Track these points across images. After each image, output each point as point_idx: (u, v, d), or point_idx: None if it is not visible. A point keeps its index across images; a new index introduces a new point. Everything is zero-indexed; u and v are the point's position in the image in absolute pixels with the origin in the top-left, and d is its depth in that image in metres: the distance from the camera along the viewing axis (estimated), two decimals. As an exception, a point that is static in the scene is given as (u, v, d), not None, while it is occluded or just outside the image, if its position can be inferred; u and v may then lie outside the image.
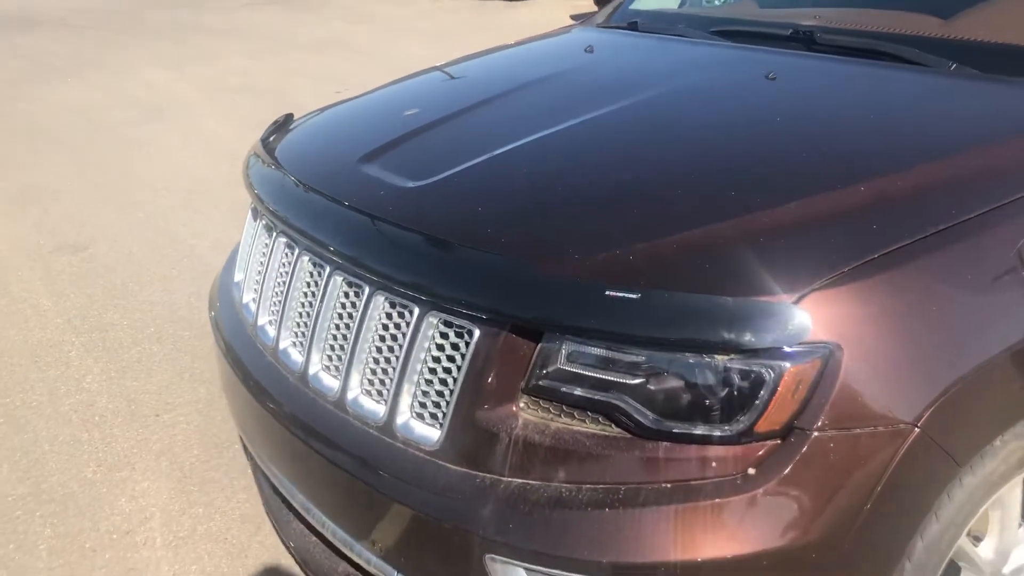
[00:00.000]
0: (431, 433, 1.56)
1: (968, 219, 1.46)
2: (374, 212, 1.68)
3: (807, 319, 1.30)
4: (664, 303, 1.34)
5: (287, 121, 2.46)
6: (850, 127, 1.79)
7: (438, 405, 1.56)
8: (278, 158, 2.06)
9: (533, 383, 1.47)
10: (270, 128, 2.39)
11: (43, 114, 7.56)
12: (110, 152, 6.42)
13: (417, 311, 1.57)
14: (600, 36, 2.59)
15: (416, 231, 1.60)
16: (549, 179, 1.72)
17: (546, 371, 1.45)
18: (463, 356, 1.52)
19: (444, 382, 1.55)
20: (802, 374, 1.31)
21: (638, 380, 1.39)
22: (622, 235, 1.48)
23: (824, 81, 2.02)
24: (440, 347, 1.56)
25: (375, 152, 1.90)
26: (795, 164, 1.67)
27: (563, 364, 1.44)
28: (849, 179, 1.54)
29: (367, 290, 1.66)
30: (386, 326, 1.64)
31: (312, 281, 1.82)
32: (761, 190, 1.57)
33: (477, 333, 1.49)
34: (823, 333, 1.31)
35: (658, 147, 1.82)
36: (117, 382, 3.38)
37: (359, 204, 1.71)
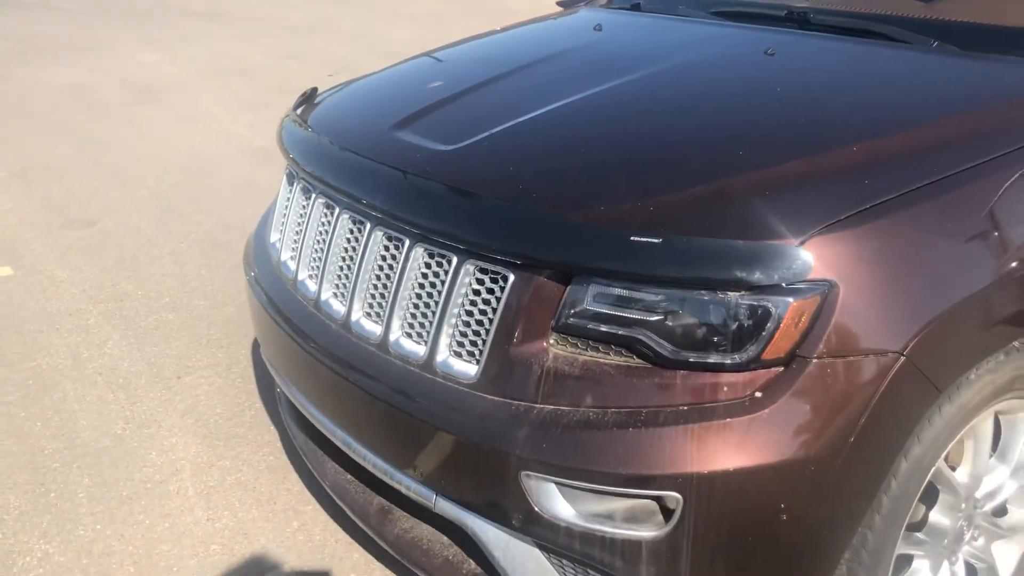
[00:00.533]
0: (469, 368, 1.74)
1: (948, 176, 1.65)
2: (414, 172, 1.86)
3: (810, 259, 1.49)
4: (683, 246, 1.52)
5: (313, 94, 2.62)
6: (843, 96, 1.99)
7: (475, 344, 1.74)
8: (316, 126, 2.23)
9: (562, 322, 1.65)
10: (299, 99, 2.55)
11: (37, 95, 7.63)
12: (107, 132, 6.52)
13: (455, 260, 1.75)
14: (607, 16, 2.77)
15: (456, 188, 1.78)
16: (573, 141, 1.90)
17: (574, 311, 1.63)
18: (498, 299, 1.70)
19: (480, 323, 1.73)
20: (804, 308, 1.50)
21: (658, 316, 1.57)
22: (643, 188, 1.67)
23: (818, 57, 2.21)
24: (476, 292, 1.74)
25: (408, 119, 2.08)
26: (795, 127, 1.87)
27: (590, 304, 1.62)
28: (844, 140, 1.74)
29: (407, 243, 1.83)
30: (425, 275, 1.82)
31: (352, 237, 1.99)
32: (766, 149, 1.76)
33: (512, 278, 1.67)
34: (822, 272, 1.50)
35: (671, 112, 2.01)
36: (137, 348, 3.52)
37: (399, 165, 1.89)
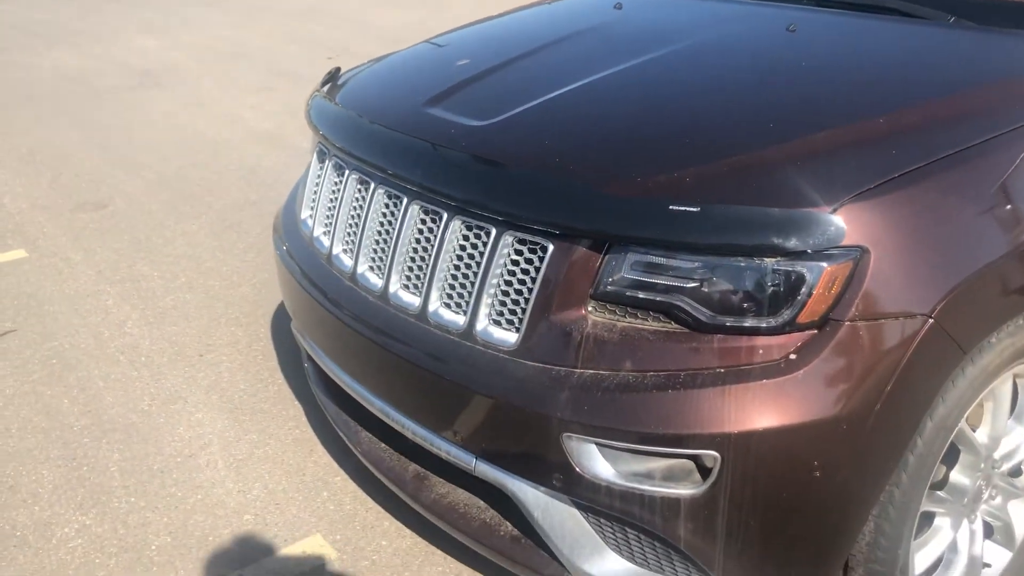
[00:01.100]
0: (508, 336, 1.80)
1: (970, 146, 1.72)
2: (452, 146, 1.91)
3: (843, 226, 1.55)
4: (721, 214, 1.58)
5: (336, 74, 2.66)
6: (866, 70, 2.04)
7: (514, 312, 1.80)
8: (347, 103, 2.28)
9: (601, 289, 1.71)
10: (325, 79, 2.59)
11: (39, 81, 7.63)
12: (112, 116, 6.54)
13: (494, 231, 1.80)
14: (624, -5, 2.81)
15: (495, 161, 1.84)
16: (606, 115, 1.96)
17: (612, 278, 1.69)
18: (537, 269, 1.76)
19: (519, 292, 1.79)
20: (837, 273, 1.56)
21: (695, 283, 1.63)
22: (678, 159, 1.73)
23: (838, 33, 2.26)
24: (515, 262, 1.79)
25: (440, 96, 2.13)
26: (822, 100, 1.92)
27: (627, 272, 1.68)
28: (869, 112, 1.80)
29: (445, 216, 1.89)
30: (463, 246, 1.87)
31: (388, 211, 2.05)
32: (795, 121, 1.82)
33: (551, 248, 1.73)
34: (854, 238, 1.56)
35: (700, 87, 2.06)
36: (157, 327, 3.58)
37: (436, 140, 1.94)
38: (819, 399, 1.58)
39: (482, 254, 1.83)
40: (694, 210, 1.59)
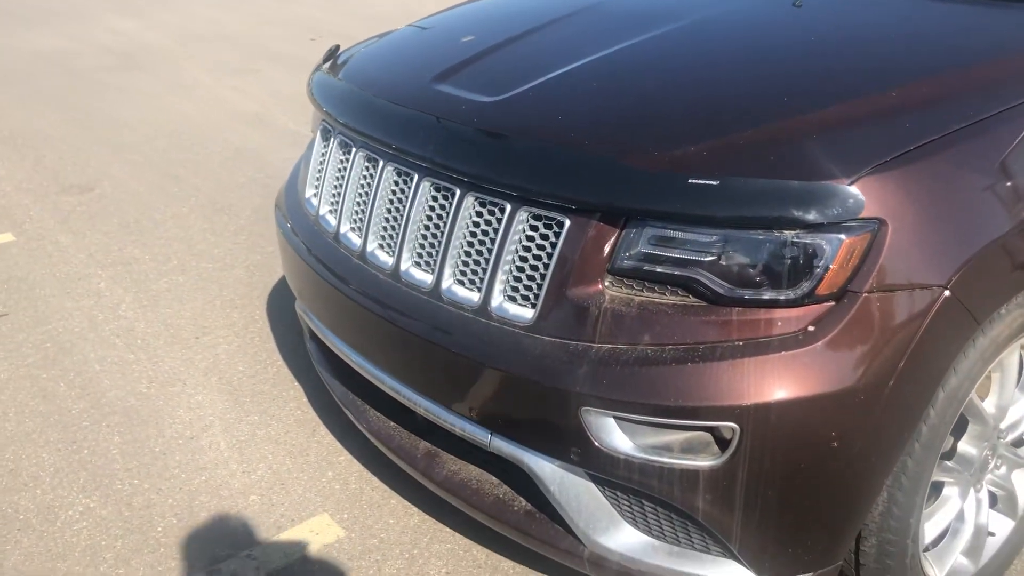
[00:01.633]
0: (524, 312, 1.80)
1: (983, 118, 1.73)
2: (464, 122, 1.90)
3: (861, 198, 1.56)
4: (740, 187, 1.59)
5: (336, 51, 2.64)
6: (876, 45, 2.05)
7: (529, 288, 1.80)
8: (353, 80, 2.26)
9: (618, 264, 1.71)
10: (326, 56, 2.57)
11: (16, 62, 7.52)
12: (93, 98, 6.46)
13: (509, 208, 1.80)
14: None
15: (509, 136, 1.84)
16: (618, 90, 1.95)
17: (630, 253, 1.70)
18: (553, 245, 1.76)
19: (535, 268, 1.79)
20: (855, 245, 1.58)
21: (713, 256, 1.64)
22: (694, 133, 1.73)
23: (845, 7, 2.27)
24: (531, 238, 1.79)
25: (448, 72, 2.11)
26: (834, 74, 1.93)
27: (645, 246, 1.69)
28: (882, 86, 1.80)
29: (457, 192, 1.88)
30: (477, 223, 1.87)
31: (398, 188, 2.04)
32: (809, 95, 1.83)
33: (567, 223, 1.73)
34: (872, 210, 1.57)
35: (712, 61, 2.06)
36: (151, 310, 3.55)
37: (448, 116, 1.93)
38: (837, 370, 1.59)
39: (496, 230, 1.83)
40: (713, 183, 1.59)
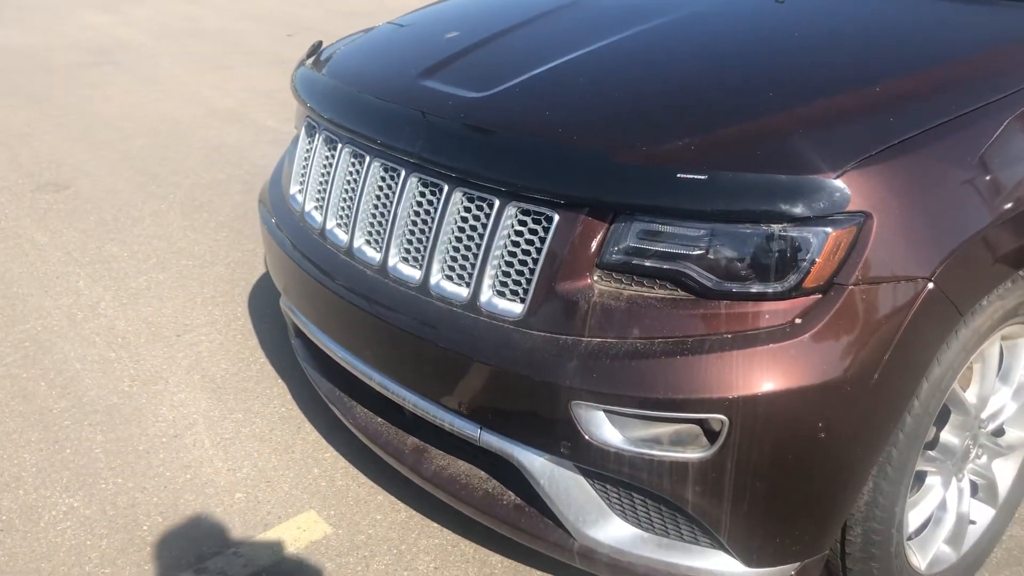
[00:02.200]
0: (513, 307, 1.80)
1: (965, 113, 1.75)
2: (452, 118, 1.91)
3: (847, 192, 1.58)
4: (728, 182, 1.60)
5: (319, 47, 2.63)
6: (859, 39, 2.08)
7: (518, 283, 1.81)
8: (337, 76, 2.25)
9: (607, 258, 1.72)
10: (309, 51, 2.56)
11: (-12, 58, 7.43)
12: (68, 94, 6.39)
13: (497, 203, 1.80)
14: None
15: (498, 132, 1.84)
16: (607, 85, 1.96)
17: (618, 247, 1.71)
18: (542, 240, 1.76)
19: (524, 263, 1.79)
20: (841, 238, 1.59)
21: (701, 250, 1.65)
22: (681, 128, 1.75)
23: (827, 2, 2.29)
24: (519, 233, 1.80)
25: (434, 67, 2.12)
26: (818, 69, 1.95)
27: (633, 241, 1.70)
28: (867, 80, 1.83)
29: (445, 188, 1.89)
30: (465, 219, 1.87)
31: (385, 184, 2.04)
32: (794, 90, 1.85)
33: (556, 218, 1.74)
34: (858, 203, 1.59)
35: (700, 56, 2.08)
36: (131, 308, 3.52)
37: (436, 111, 1.93)
38: (824, 362, 1.61)
39: (485, 226, 1.83)
40: (701, 178, 1.60)
